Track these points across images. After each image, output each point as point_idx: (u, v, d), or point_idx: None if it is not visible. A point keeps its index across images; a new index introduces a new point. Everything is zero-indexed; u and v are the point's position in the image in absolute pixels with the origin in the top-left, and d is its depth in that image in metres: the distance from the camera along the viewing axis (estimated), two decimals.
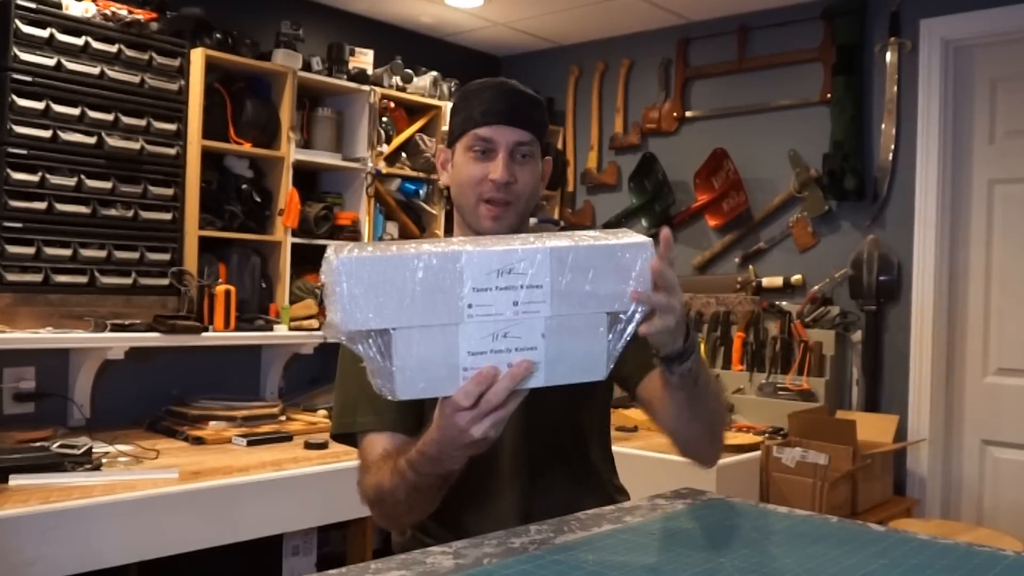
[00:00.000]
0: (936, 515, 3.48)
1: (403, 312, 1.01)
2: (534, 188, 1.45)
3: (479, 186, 1.41)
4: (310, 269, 3.69)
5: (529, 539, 1.17)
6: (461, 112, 1.46)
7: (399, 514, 1.33)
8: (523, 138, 1.42)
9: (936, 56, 3.52)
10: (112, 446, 2.68)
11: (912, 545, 1.18)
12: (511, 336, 1.05)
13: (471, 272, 1.02)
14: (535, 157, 1.45)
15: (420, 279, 1.01)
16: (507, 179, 1.40)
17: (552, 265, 1.04)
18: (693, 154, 4.12)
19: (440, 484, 1.23)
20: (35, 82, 2.80)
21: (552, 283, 1.04)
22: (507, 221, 1.42)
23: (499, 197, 1.41)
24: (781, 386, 3.66)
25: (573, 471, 1.48)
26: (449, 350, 1.04)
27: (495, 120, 1.41)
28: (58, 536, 2.10)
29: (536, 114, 1.46)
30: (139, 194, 3.03)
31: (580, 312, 1.06)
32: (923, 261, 3.53)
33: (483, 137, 1.41)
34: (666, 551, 1.13)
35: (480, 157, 1.42)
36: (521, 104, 1.44)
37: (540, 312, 1.05)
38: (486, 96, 1.43)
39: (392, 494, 1.27)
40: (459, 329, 1.03)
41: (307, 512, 2.67)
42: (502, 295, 1.03)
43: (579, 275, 1.05)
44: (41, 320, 2.87)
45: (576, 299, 1.06)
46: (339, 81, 3.67)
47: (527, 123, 1.43)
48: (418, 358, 1.03)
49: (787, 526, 1.27)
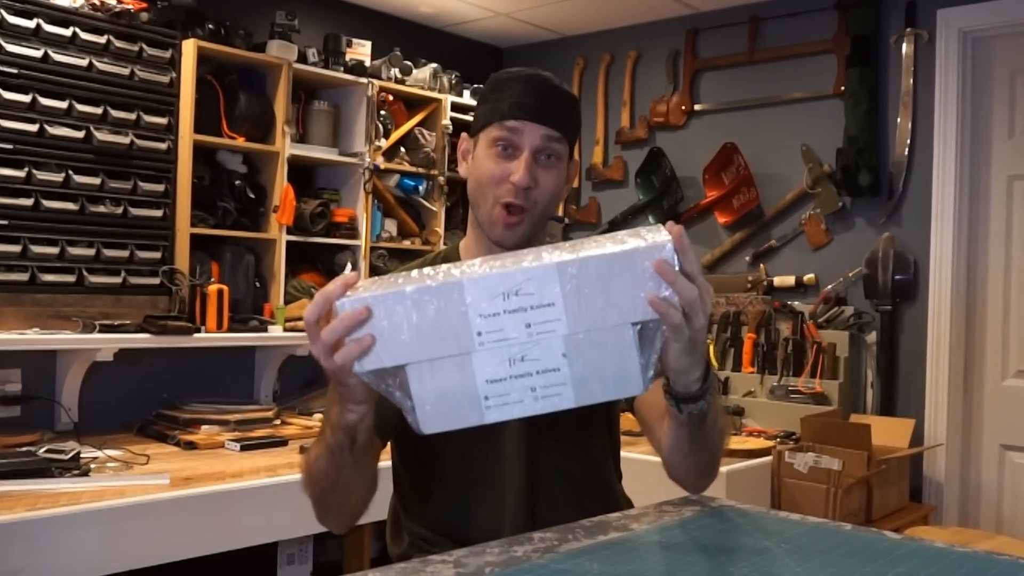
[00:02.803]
0: (954, 522, 3.47)
1: (412, 347, 1.03)
2: (555, 193, 1.41)
3: (498, 186, 1.38)
4: (305, 268, 3.70)
5: (532, 547, 1.17)
6: (489, 102, 1.41)
7: (324, 490, 1.30)
8: (552, 135, 1.38)
9: (954, 47, 3.52)
10: (101, 451, 2.69)
11: (929, 554, 1.18)
12: (529, 359, 1.04)
13: (475, 299, 1.02)
14: (561, 159, 1.41)
15: (423, 313, 1.02)
16: (527, 184, 1.36)
17: (561, 281, 1.02)
18: (702, 149, 4.12)
19: (348, 443, 1.20)
20: (21, 74, 2.80)
21: (564, 300, 1.02)
22: (521, 230, 1.39)
23: (517, 203, 1.37)
24: (793, 389, 3.66)
25: (579, 478, 1.47)
26: (466, 380, 1.04)
27: (523, 115, 1.37)
28: (45, 544, 2.10)
29: (568, 112, 1.42)
30: (129, 190, 3.03)
31: (601, 326, 1.03)
32: (940, 259, 3.52)
33: (509, 129, 1.37)
34: (674, 560, 1.13)
35: (503, 154, 1.38)
36: (553, 99, 1.40)
37: (556, 331, 1.03)
38: (516, 87, 1.39)
39: (316, 462, 1.27)
40: (472, 358, 1.03)
41: (303, 519, 2.62)
42: (512, 318, 1.02)
43: (592, 288, 1.02)
44: (27, 321, 2.87)
45: (594, 313, 1.03)
46: (336, 73, 3.67)
47: (557, 121, 1.39)
48: (435, 392, 1.04)
49: (799, 534, 1.27)
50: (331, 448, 1.22)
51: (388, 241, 3.89)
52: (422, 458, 1.44)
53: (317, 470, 1.28)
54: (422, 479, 1.45)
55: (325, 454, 1.24)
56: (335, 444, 1.21)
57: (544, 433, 1.42)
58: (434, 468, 1.43)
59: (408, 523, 1.47)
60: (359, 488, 1.32)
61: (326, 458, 1.24)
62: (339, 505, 1.35)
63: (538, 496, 1.42)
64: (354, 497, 1.34)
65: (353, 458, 1.23)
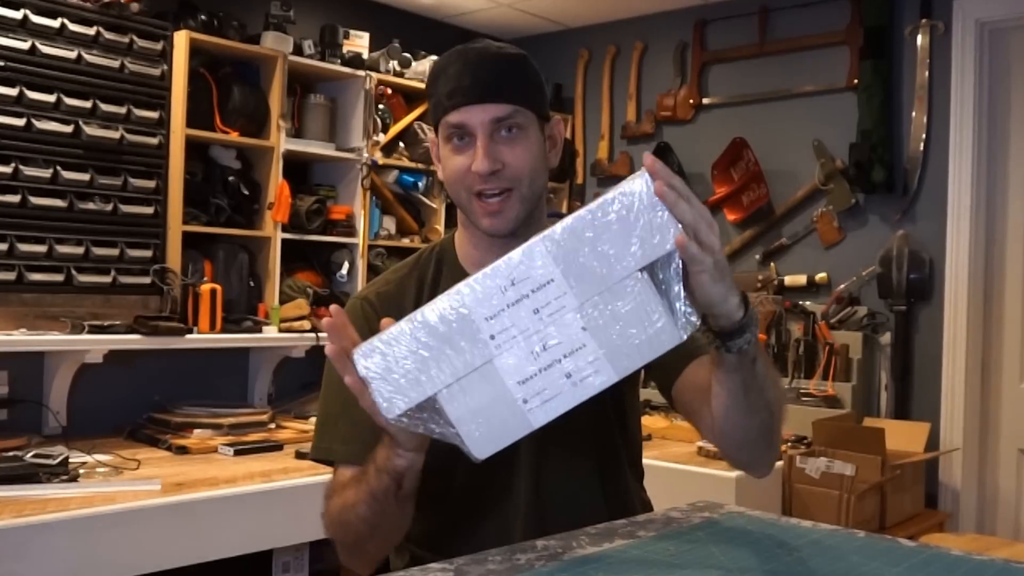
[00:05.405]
0: (970, 529, 3.47)
1: (433, 375, 1.03)
2: (535, 164, 1.33)
3: (465, 179, 1.32)
4: (301, 267, 3.70)
5: (535, 555, 1.17)
6: (432, 97, 1.35)
7: (361, 537, 1.28)
8: (500, 113, 1.30)
9: (970, 39, 3.52)
10: (90, 456, 2.69)
11: (945, 561, 1.18)
12: (551, 346, 1.03)
13: (474, 306, 1.02)
14: (526, 128, 1.33)
15: (430, 338, 1.03)
16: (488, 169, 1.29)
17: (552, 254, 1.01)
18: (710, 144, 4.12)
19: (394, 488, 1.19)
20: (7, 67, 2.80)
21: (562, 272, 1.02)
22: (510, 213, 1.33)
23: (489, 188, 1.31)
24: (805, 392, 3.65)
25: (590, 488, 1.45)
26: (497, 389, 1.04)
27: (462, 100, 1.29)
28: (32, 552, 2.10)
29: (514, 78, 1.33)
30: (119, 186, 3.03)
31: (609, 286, 1.02)
32: (956, 258, 3.52)
33: (454, 124, 1.31)
34: (681, 568, 1.13)
35: (459, 146, 1.32)
36: (491, 73, 1.31)
37: (566, 307, 1.02)
38: (451, 72, 1.31)
39: (354, 508, 1.24)
40: (495, 364, 1.03)
41: (298, 526, 2.67)
42: (518, 309, 1.02)
43: (585, 250, 1.01)
44: (14, 321, 2.87)
45: (596, 275, 1.02)
46: (332, 66, 3.67)
47: (502, 93, 1.30)
48: (473, 412, 1.04)
49: (811, 541, 1.26)
50: (374, 493, 1.20)
51: (386, 239, 3.89)
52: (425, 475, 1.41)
53: (355, 515, 1.24)
54: (425, 498, 1.43)
55: (367, 499, 1.21)
56: (379, 489, 1.19)
57: (550, 442, 1.38)
58: (437, 488, 1.41)
59: (408, 544, 1.45)
60: (397, 532, 1.30)
61: (367, 503, 1.22)
62: (377, 551, 1.33)
63: (546, 511, 1.40)
64: (393, 540, 1.32)
65: (398, 504, 1.21)
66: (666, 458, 3.12)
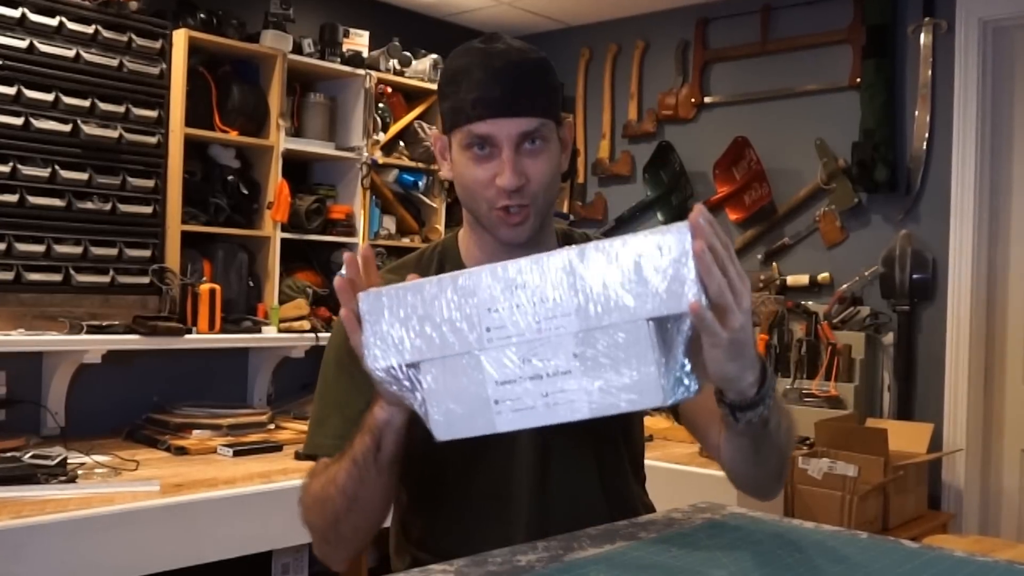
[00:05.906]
0: (974, 531, 3.47)
1: (423, 344, 1.05)
2: (552, 176, 1.32)
3: (486, 191, 1.29)
4: (301, 266, 3.70)
5: (536, 556, 1.17)
6: (449, 97, 1.31)
7: (339, 513, 1.26)
8: (529, 127, 1.27)
9: (974, 37, 3.51)
10: (88, 456, 2.69)
11: (948, 563, 1.18)
12: (539, 359, 1.02)
13: (481, 292, 1.03)
14: (549, 140, 1.30)
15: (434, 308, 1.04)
16: (517, 183, 1.27)
17: (567, 271, 1.00)
18: (712, 143, 4.12)
19: (374, 448, 1.19)
20: (6, 66, 2.81)
21: (573, 293, 1.00)
22: (528, 224, 1.31)
23: (513, 204, 1.28)
24: (807, 392, 3.65)
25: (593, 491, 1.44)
26: (476, 382, 1.04)
27: (490, 112, 1.26)
28: (30, 553, 2.11)
29: (539, 87, 1.30)
30: (117, 186, 3.04)
31: (613, 323, 0.99)
32: (960, 258, 3.52)
33: (480, 135, 1.27)
34: (683, 569, 1.13)
35: (480, 155, 1.29)
36: (519, 83, 1.27)
37: (566, 328, 1.00)
38: (476, 78, 1.27)
39: (334, 480, 1.24)
40: (483, 358, 1.04)
41: (298, 527, 2.64)
42: (521, 313, 1.02)
43: (601, 280, 0.99)
44: (12, 321, 2.88)
45: (604, 308, 0.99)
46: (332, 64, 3.67)
47: (531, 107, 1.27)
48: (447, 393, 1.06)
49: (813, 542, 1.26)
50: (355, 458, 1.21)
51: (387, 239, 3.89)
52: (425, 475, 1.40)
53: (335, 487, 1.25)
54: (425, 500, 1.43)
55: (347, 466, 1.22)
56: (360, 452, 1.20)
57: (553, 445, 1.38)
58: (439, 490, 1.41)
59: (409, 547, 1.45)
60: (375, 511, 1.29)
61: (347, 470, 1.22)
62: (353, 534, 1.32)
63: (548, 513, 1.40)
64: (369, 521, 1.31)
65: (377, 471, 1.21)
66: (668, 459, 3.12)
